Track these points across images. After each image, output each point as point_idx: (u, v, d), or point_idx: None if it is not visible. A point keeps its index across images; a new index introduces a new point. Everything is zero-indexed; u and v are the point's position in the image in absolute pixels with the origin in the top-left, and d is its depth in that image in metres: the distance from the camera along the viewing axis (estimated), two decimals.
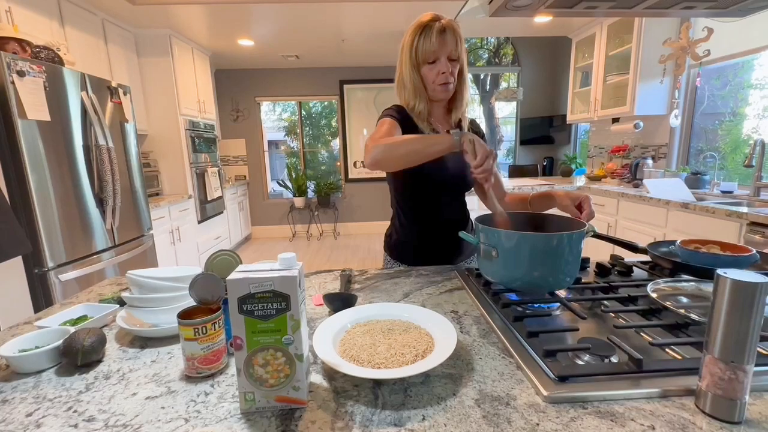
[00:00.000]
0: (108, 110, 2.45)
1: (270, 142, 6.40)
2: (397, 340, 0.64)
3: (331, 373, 0.60)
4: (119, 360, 0.67)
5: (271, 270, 0.52)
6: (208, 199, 4.09)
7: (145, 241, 2.80)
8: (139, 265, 2.64)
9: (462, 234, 0.90)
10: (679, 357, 0.60)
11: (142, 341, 0.74)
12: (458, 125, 1.18)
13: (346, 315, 0.74)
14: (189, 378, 0.61)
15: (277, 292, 0.50)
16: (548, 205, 1.09)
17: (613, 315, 0.76)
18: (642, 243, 1.02)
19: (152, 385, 0.59)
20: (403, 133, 1.07)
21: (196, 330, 0.59)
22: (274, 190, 6.05)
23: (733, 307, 0.45)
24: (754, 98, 2.70)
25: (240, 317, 0.50)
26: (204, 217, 4.02)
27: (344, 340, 0.66)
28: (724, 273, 0.46)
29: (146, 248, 2.80)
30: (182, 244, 3.55)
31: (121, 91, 2.57)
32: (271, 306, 0.50)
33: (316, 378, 0.59)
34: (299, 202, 5.60)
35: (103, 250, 2.36)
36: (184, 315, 0.61)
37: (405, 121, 1.10)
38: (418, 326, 0.70)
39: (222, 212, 4.48)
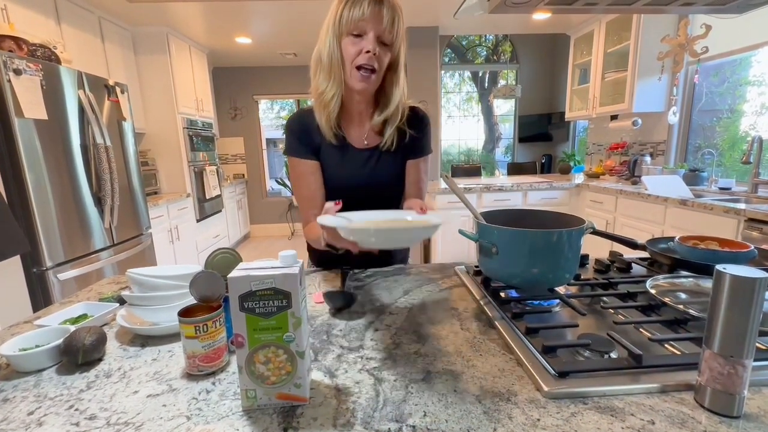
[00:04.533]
0: (105, 109, 2.44)
1: (268, 141, 6.38)
2: (397, 221, 0.83)
3: (332, 371, 0.61)
4: (120, 358, 0.67)
5: (272, 267, 0.52)
6: (207, 197, 4.08)
7: (143, 240, 2.79)
8: (138, 264, 2.63)
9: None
10: (678, 352, 0.61)
11: (143, 339, 0.74)
12: (381, 130, 1.00)
13: (346, 220, 0.80)
14: (190, 376, 0.61)
15: (279, 290, 0.50)
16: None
17: (612, 311, 0.76)
18: (641, 240, 1.02)
19: (153, 383, 0.59)
20: (308, 148, 1.00)
21: (197, 328, 0.59)
22: (272, 189, 6.04)
23: (732, 303, 0.46)
24: (752, 95, 2.70)
25: (241, 315, 0.50)
26: (202, 216, 4.01)
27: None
28: (724, 269, 0.46)
29: (145, 247, 2.80)
30: (181, 243, 3.55)
31: (118, 89, 2.56)
32: (273, 303, 0.50)
33: (318, 375, 0.60)
34: None
35: (102, 249, 2.36)
36: (185, 313, 0.61)
37: (306, 142, 0.98)
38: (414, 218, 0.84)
39: (220, 211, 4.47)
